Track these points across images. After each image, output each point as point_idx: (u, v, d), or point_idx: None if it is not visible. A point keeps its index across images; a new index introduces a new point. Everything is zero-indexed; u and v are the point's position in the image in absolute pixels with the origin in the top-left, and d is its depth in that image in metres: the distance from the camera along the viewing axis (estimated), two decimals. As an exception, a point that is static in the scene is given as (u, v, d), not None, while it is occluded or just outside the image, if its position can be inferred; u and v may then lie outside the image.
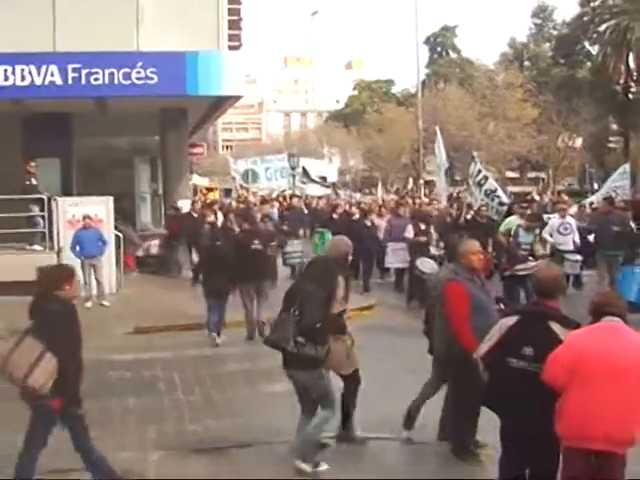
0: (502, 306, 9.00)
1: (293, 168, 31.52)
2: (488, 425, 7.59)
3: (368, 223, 23.45)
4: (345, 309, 9.42)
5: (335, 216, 26.12)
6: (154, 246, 25.51)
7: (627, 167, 24.53)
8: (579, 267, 20.48)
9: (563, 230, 20.13)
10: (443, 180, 28.63)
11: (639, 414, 6.41)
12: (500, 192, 23.38)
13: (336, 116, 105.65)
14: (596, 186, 61.47)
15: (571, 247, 20.03)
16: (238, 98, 24.69)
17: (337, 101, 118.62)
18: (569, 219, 20.75)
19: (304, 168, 42.27)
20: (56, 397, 7.47)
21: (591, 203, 23.43)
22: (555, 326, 6.80)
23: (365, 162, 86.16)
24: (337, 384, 9.44)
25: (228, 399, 11.92)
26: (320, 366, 8.53)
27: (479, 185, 23.15)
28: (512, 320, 7.12)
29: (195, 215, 24.10)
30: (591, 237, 20.95)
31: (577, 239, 20.22)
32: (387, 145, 73.57)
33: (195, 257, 22.22)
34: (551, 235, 20.03)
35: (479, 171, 23.72)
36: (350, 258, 9.87)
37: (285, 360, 8.68)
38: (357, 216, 24.55)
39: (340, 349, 9.30)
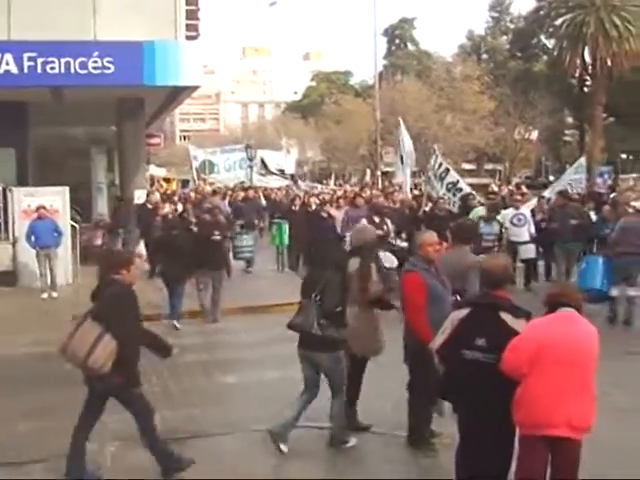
0: (458, 298, 9.06)
1: (250, 159, 31.32)
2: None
3: (324, 214, 23.11)
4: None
5: (294, 207, 25.90)
6: (97, 237, 25.32)
7: (583, 161, 24.58)
8: (534, 252, 20.39)
9: (517, 221, 20.12)
10: (408, 171, 27.35)
11: (594, 401, 6.55)
12: (462, 184, 23.13)
13: (294, 107, 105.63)
14: (552, 178, 61.96)
15: (526, 238, 20.08)
16: (195, 88, 24.57)
17: (295, 92, 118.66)
18: (523, 210, 20.70)
19: (262, 160, 42.08)
20: (117, 377, 7.83)
21: (543, 196, 23.34)
22: (506, 316, 6.85)
23: (323, 153, 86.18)
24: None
25: (185, 390, 11.91)
26: (341, 348, 8.93)
27: (440, 178, 22.88)
28: (463, 312, 7.17)
29: (150, 206, 23.95)
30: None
31: (532, 230, 20.22)
32: (345, 136, 73.59)
33: (143, 249, 22.19)
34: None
35: (440, 164, 23.38)
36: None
37: (304, 343, 9.04)
38: (313, 207, 24.49)
39: (367, 331, 9.51)
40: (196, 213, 21.47)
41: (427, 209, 22.39)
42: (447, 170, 23.10)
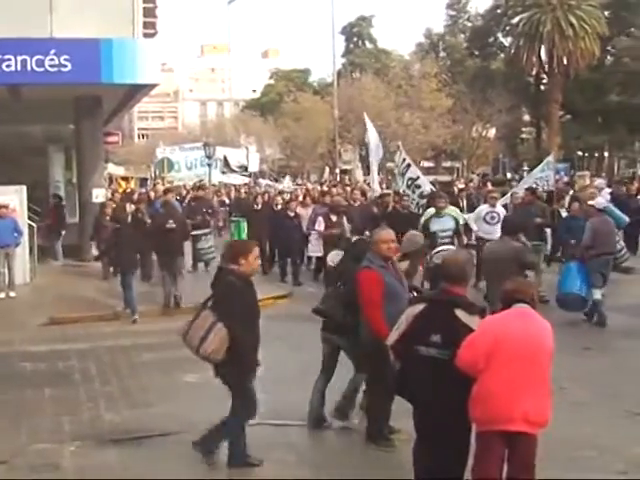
0: (415, 294, 9.16)
1: (209, 157, 31.21)
2: (402, 410, 7.68)
3: (291, 213, 22.48)
4: None
5: (256, 206, 25.02)
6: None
7: (551, 158, 23.55)
8: None
9: (490, 219, 19.48)
10: (376, 167, 26.13)
11: (550, 396, 6.67)
12: (422, 181, 22.29)
13: (252, 105, 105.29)
14: (509, 175, 62.45)
15: (496, 237, 19.46)
16: (153, 86, 24.49)
17: (254, 90, 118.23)
18: (498, 209, 19.97)
19: (225, 157, 41.93)
20: (232, 365, 8.13)
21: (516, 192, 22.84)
22: (460, 313, 6.92)
23: (281, 151, 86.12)
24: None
25: (144, 388, 11.88)
26: (357, 333, 9.23)
27: (401, 174, 22.41)
28: (418, 308, 7.24)
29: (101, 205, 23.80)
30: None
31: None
32: (303, 134, 73.59)
33: (94, 250, 22.24)
34: (476, 222, 19.75)
35: (403, 160, 22.74)
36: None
37: (327, 326, 9.92)
38: (279, 206, 24.11)
39: None
40: (150, 212, 21.52)
41: (390, 208, 21.84)
42: (408, 166, 22.46)
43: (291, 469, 8.40)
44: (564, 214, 19.88)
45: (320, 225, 19.75)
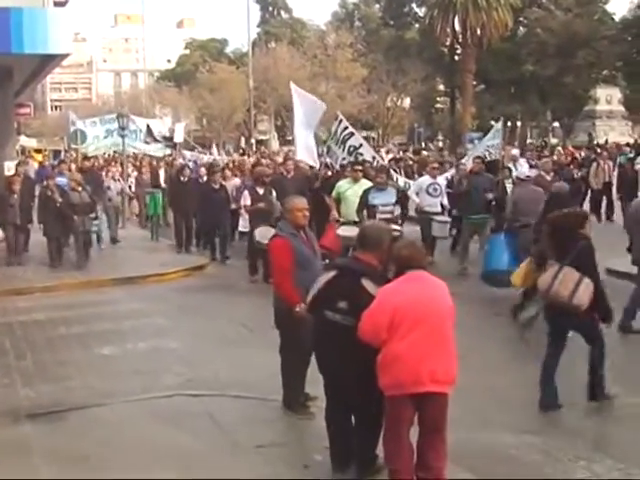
0: (327, 262, 9.24)
1: (122, 128, 30.71)
2: (317, 377, 7.77)
3: (216, 186, 20.95)
4: None
5: (183, 178, 22.90)
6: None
7: (499, 126, 22.61)
8: (448, 230, 19.40)
9: (432, 191, 18.81)
10: (312, 138, 22.80)
11: (455, 354, 6.80)
12: (365, 149, 21.02)
13: (167, 76, 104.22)
14: (424, 144, 62.96)
15: (439, 209, 18.82)
16: (65, 56, 24.04)
17: (168, 60, 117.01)
18: (440, 180, 19.33)
19: (148, 127, 41.07)
20: (591, 315, 9.22)
21: (463, 164, 21.01)
22: (367, 283, 6.98)
23: (197, 122, 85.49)
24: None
25: (61, 362, 11.77)
26: None
27: (343, 141, 20.72)
28: (330, 275, 7.34)
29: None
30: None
31: (445, 202, 19.08)
32: (219, 105, 73.13)
33: None
34: (417, 194, 19.09)
35: (345, 128, 21.10)
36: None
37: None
38: (205, 178, 22.33)
39: None
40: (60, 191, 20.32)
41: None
42: (351, 134, 20.96)
43: (210, 438, 8.45)
44: (509, 186, 18.64)
45: (246, 200, 17.82)
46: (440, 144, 70.58)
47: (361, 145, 21.01)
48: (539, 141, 73.65)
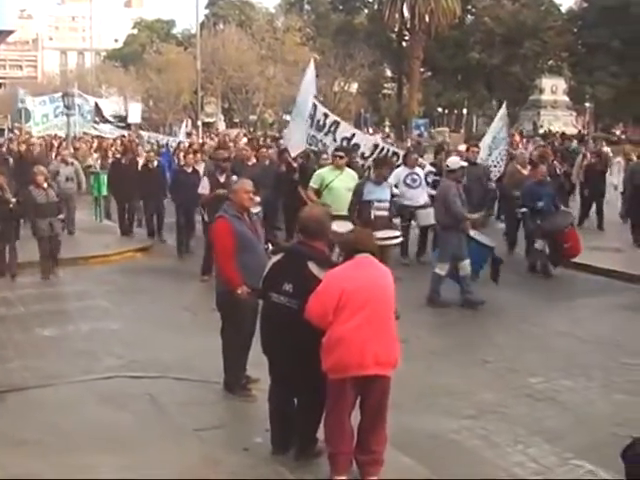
0: (270, 246, 9.28)
1: (67, 107, 30.18)
2: (259, 360, 7.80)
3: (188, 169, 19.09)
4: None
5: (125, 161, 22.02)
6: None
7: (503, 111, 20.40)
8: (433, 217, 15.30)
9: (411, 182, 17.06)
10: (306, 125, 18.84)
11: (396, 336, 6.88)
12: (359, 139, 18.88)
13: (114, 55, 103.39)
14: (371, 130, 63.02)
15: (422, 202, 16.93)
16: (10, 33, 23.69)
17: (116, 40, 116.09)
18: (418, 170, 17.44)
19: (97, 106, 40.27)
20: None
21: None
22: (313, 266, 7.02)
23: (144, 103, 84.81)
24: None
25: (1, 343, 11.64)
26: None
27: (330, 133, 18.34)
28: (276, 258, 7.40)
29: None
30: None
31: (425, 193, 17.13)
32: (166, 86, 72.56)
33: None
34: (396, 186, 16.61)
35: (325, 115, 18.63)
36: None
37: None
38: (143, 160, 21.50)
39: None
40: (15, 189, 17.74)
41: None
42: (337, 124, 18.61)
43: (150, 421, 8.44)
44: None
45: (205, 188, 15.46)
46: (387, 130, 70.67)
47: (354, 135, 18.89)
48: (486, 129, 74.23)
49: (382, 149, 18.67)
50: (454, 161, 14.45)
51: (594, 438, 8.17)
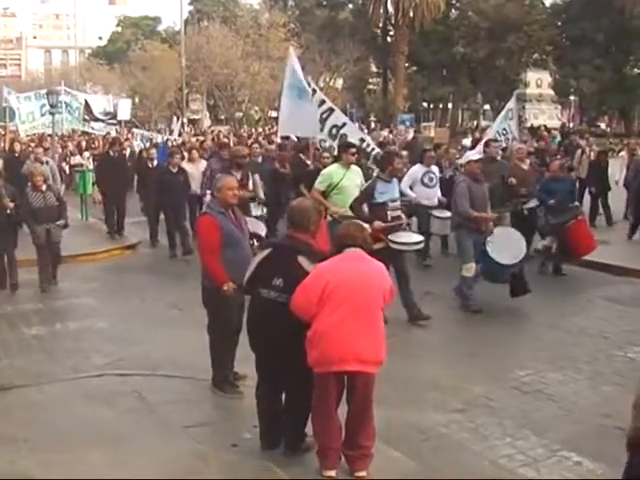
0: (256, 242, 9.28)
1: (52, 106, 29.96)
2: (247, 356, 7.81)
3: (174, 169, 18.42)
4: None
5: (113, 154, 21.24)
6: None
7: (512, 103, 19.77)
8: (449, 227, 14.81)
9: (428, 181, 16.44)
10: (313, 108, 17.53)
11: (383, 335, 6.89)
12: (349, 129, 17.92)
13: (99, 53, 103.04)
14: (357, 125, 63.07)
15: (436, 202, 16.44)
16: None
17: (100, 38, 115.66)
18: (434, 168, 16.77)
19: (87, 103, 39.96)
20: None
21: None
22: (303, 260, 7.04)
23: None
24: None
25: (-13, 343, 11.64)
26: None
27: (322, 120, 17.40)
28: (265, 252, 7.40)
29: None
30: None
31: (439, 193, 16.63)
32: (151, 83, 72.39)
33: None
34: (412, 188, 16.21)
35: (322, 101, 17.78)
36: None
37: None
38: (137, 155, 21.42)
39: None
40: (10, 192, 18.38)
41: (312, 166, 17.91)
42: (331, 110, 17.68)
43: (140, 417, 8.44)
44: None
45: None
46: (372, 125, 70.65)
47: (344, 124, 17.77)
48: (471, 123, 74.47)
49: (368, 145, 17.87)
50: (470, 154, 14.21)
51: (582, 429, 8.21)
